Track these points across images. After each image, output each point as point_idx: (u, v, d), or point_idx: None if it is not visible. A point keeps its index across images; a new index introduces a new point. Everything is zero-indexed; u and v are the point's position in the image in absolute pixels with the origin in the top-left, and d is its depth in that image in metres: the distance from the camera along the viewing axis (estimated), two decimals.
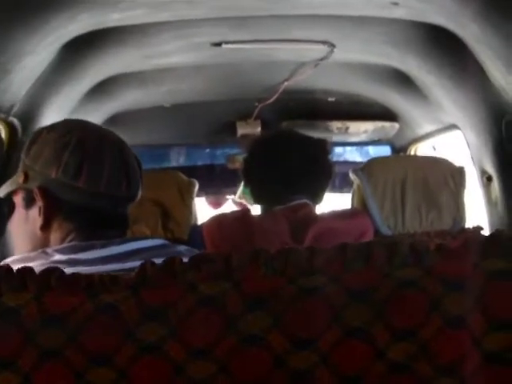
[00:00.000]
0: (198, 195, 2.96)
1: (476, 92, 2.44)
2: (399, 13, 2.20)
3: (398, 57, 2.65)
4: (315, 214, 2.03)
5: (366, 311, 0.87)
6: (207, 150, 3.71)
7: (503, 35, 1.98)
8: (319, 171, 2.10)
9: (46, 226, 1.32)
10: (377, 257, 0.90)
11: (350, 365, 0.87)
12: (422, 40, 2.44)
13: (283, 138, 2.15)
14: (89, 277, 0.88)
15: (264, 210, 2.08)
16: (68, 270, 0.97)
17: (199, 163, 3.69)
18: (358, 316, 0.87)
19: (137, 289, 0.88)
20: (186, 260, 0.91)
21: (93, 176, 1.31)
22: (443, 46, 2.40)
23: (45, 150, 1.32)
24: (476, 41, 2.12)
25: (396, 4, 2.10)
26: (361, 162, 3.46)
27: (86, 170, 1.30)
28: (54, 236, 1.32)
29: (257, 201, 2.14)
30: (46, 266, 1.15)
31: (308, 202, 2.04)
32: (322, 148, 2.13)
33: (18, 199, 1.38)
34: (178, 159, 3.67)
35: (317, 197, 2.09)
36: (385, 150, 3.65)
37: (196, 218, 2.65)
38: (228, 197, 3.61)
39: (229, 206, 3.58)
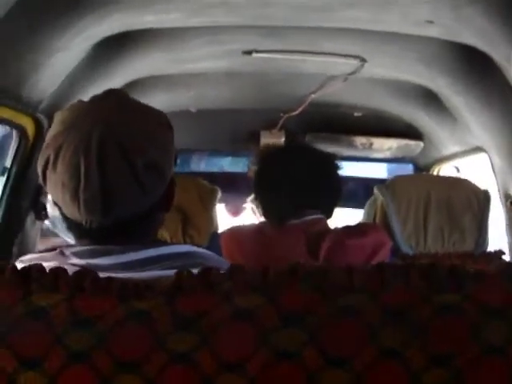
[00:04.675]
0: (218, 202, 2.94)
1: (504, 115, 2.42)
2: (433, 31, 2.18)
3: (428, 75, 2.64)
4: (329, 228, 2.02)
5: (403, 333, 0.86)
6: (229, 158, 3.70)
7: None
8: (331, 186, 2.08)
9: None
10: (415, 278, 0.88)
11: None
12: (453, 60, 2.43)
13: (295, 152, 2.13)
14: (123, 282, 0.87)
15: (275, 224, 2.04)
16: None
17: (220, 170, 3.69)
18: (395, 337, 0.85)
19: (171, 297, 0.86)
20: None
21: (54, 194, 1.19)
22: (474, 66, 2.39)
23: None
24: (508, 63, 2.11)
25: (431, 22, 2.09)
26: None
27: (49, 182, 1.19)
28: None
29: (267, 214, 2.09)
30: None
31: (323, 217, 2.02)
32: (333, 162, 2.11)
33: None
34: (199, 165, 3.66)
35: (329, 211, 2.07)
36: (408, 169, 3.63)
37: (217, 226, 2.64)
38: (245, 205, 3.59)
39: (247, 214, 3.57)
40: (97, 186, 1.13)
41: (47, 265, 1.13)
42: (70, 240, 1.29)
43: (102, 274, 1.07)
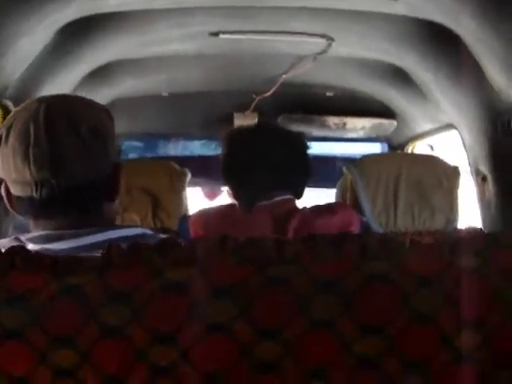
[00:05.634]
0: (193, 186, 2.94)
1: (473, 91, 2.42)
2: (398, 8, 2.18)
3: (396, 53, 2.64)
4: (297, 208, 2.02)
5: (334, 303, 0.86)
6: (203, 141, 3.70)
7: (501, 34, 1.97)
8: (300, 166, 2.08)
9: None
10: (347, 249, 0.88)
11: (315, 357, 0.86)
12: (420, 37, 2.43)
13: (263, 133, 2.12)
14: (53, 258, 0.87)
15: (244, 206, 2.03)
16: None
17: (195, 153, 3.68)
18: (326, 308, 0.86)
19: (102, 271, 0.87)
20: None
21: (5, 165, 1.25)
22: (441, 43, 2.39)
23: None
24: (474, 39, 2.11)
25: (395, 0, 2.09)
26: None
27: (1, 159, 1.25)
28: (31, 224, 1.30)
29: (237, 197, 2.08)
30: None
31: (291, 197, 2.02)
32: (302, 142, 2.11)
33: None
34: (174, 149, 3.66)
35: (298, 192, 2.07)
36: (382, 148, 3.64)
37: (187, 208, 2.64)
38: (223, 188, 3.59)
39: (224, 197, 3.56)
40: (45, 144, 1.21)
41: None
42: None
43: None
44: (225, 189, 3.57)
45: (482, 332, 0.87)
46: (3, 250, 1.13)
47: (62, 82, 2.61)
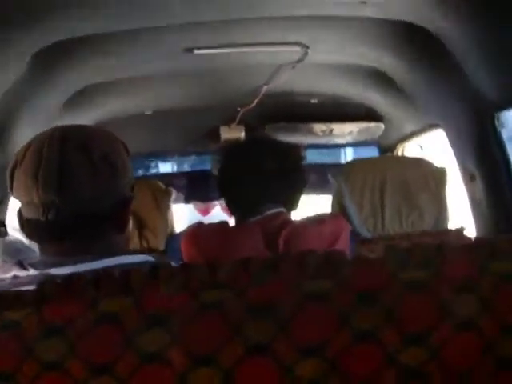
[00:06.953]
0: (186, 202, 2.93)
1: (453, 89, 2.40)
2: (368, 11, 2.16)
3: (374, 56, 2.62)
4: (289, 221, 2.01)
5: (269, 326, 0.84)
6: (193, 157, 3.69)
7: (474, 30, 1.95)
8: (294, 178, 2.07)
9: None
10: (284, 269, 0.87)
11: (253, 383, 0.84)
12: (394, 38, 2.41)
13: (256, 146, 2.12)
14: None
15: (239, 221, 2.04)
16: None
17: (186, 170, 3.67)
18: (260, 332, 0.84)
19: (38, 305, 0.86)
20: None
21: (16, 186, 1.26)
22: (417, 43, 2.37)
23: None
24: (448, 37, 2.09)
25: (363, 2, 2.07)
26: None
27: (15, 180, 1.26)
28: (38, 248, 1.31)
29: (233, 212, 2.09)
30: (18, 280, 1.17)
31: (284, 210, 2.01)
32: (296, 154, 2.10)
33: None
34: (163, 167, 3.66)
35: (292, 204, 2.06)
36: (372, 151, 3.61)
37: (173, 227, 2.63)
38: (216, 202, 3.59)
39: (217, 211, 3.56)
40: (55, 166, 1.21)
41: (4, 276, 1.20)
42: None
43: None
44: (218, 203, 3.58)
45: (429, 347, 0.85)
46: (4, 276, 1.15)
47: (41, 109, 2.61)
